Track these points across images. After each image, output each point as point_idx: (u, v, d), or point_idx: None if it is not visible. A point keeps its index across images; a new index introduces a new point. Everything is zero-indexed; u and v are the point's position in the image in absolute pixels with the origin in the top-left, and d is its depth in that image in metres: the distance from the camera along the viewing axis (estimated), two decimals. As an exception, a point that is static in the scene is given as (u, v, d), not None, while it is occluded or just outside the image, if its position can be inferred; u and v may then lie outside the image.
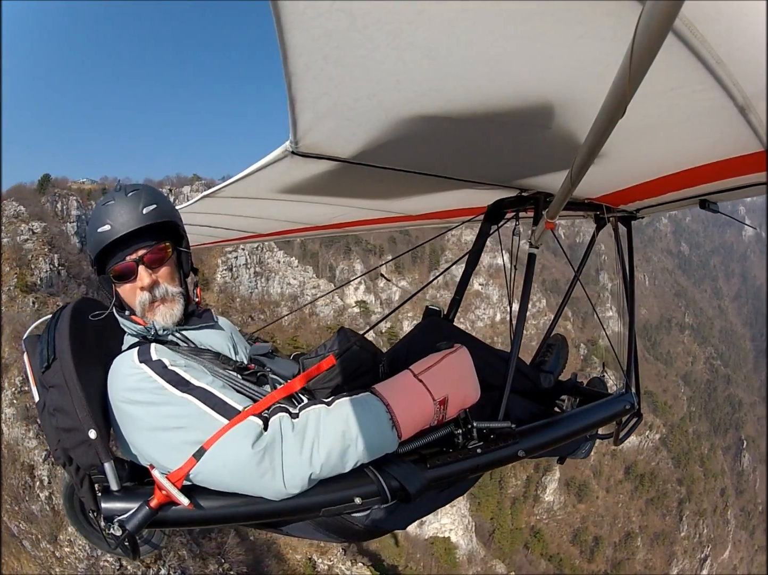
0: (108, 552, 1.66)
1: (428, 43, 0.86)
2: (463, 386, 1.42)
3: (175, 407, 1.26)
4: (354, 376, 1.50)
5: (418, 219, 2.98)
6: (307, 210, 2.63)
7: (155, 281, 1.44)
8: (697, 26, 0.79)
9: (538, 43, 0.87)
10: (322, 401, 1.33)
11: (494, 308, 74.33)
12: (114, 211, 1.38)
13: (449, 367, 1.41)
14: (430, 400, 1.34)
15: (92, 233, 1.40)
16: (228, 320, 1.74)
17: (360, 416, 1.28)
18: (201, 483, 1.25)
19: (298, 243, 65.61)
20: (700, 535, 72.40)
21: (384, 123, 1.18)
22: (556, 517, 66.61)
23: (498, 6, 0.77)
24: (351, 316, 61.54)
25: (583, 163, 1.04)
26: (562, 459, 2.29)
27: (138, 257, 1.42)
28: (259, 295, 60.87)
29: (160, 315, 1.46)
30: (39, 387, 1.34)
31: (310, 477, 1.24)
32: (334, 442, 1.24)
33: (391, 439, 1.32)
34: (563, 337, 2.47)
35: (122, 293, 1.47)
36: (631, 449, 74.73)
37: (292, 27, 0.76)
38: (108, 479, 1.27)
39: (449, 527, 52.46)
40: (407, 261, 70.23)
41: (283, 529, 1.51)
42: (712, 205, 1.88)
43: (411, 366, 1.42)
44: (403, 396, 1.34)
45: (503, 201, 2.07)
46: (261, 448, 1.20)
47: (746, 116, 1.10)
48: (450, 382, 1.39)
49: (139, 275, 1.42)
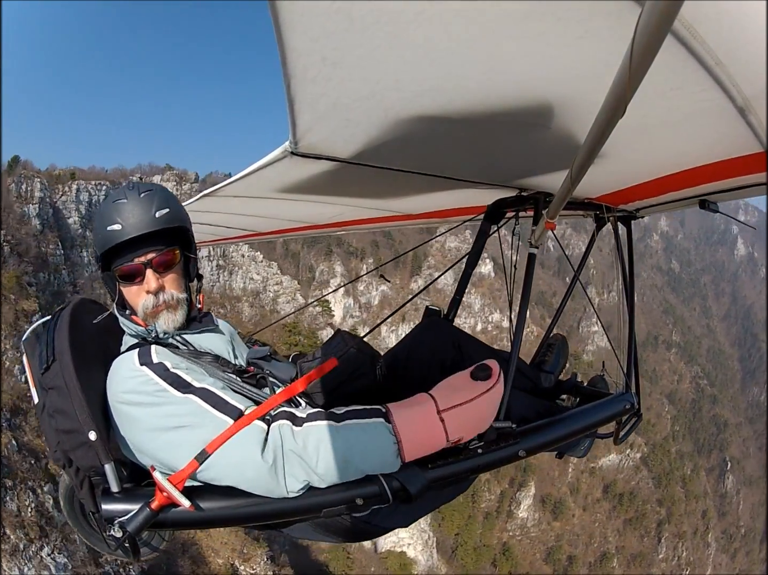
0: (108, 554, 1.65)
1: (427, 43, 0.85)
2: (483, 426, 1.37)
3: (176, 406, 1.25)
4: (351, 379, 1.49)
5: (417, 219, 2.98)
6: (307, 209, 2.63)
7: (161, 286, 1.43)
8: (697, 27, 0.79)
9: (537, 43, 0.87)
10: (331, 415, 1.29)
11: (475, 317, 73.39)
12: (125, 210, 1.36)
13: (479, 410, 1.32)
14: (443, 440, 1.29)
15: (101, 229, 1.38)
16: (228, 323, 1.74)
17: (366, 445, 1.26)
18: (201, 481, 1.25)
19: (280, 242, 65.24)
20: (679, 557, 71.59)
21: (383, 123, 1.17)
22: (529, 534, 65.56)
23: (497, 6, 0.76)
24: (312, 315, 60.50)
25: (583, 163, 1.04)
26: (560, 455, 2.29)
27: (147, 261, 1.40)
28: (220, 289, 59.59)
29: (163, 320, 1.45)
30: (38, 389, 1.34)
31: (311, 485, 1.26)
32: (335, 463, 1.24)
33: (392, 466, 1.30)
34: (563, 337, 2.47)
35: (126, 294, 1.46)
36: (610, 467, 74.26)
37: (290, 28, 0.76)
38: (108, 480, 1.26)
39: (407, 541, 51.31)
40: (389, 266, 71.03)
41: (284, 530, 1.51)
42: (711, 205, 1.88)
43: (436, 392, 1.33)
44: (418, 434, 1.28)
45: (503, 201, 2.06)
46: (269, 457, 1.21)
47: (746, 117, 1.10)
48: (472, 425, 1.33)
49: (147, 278, 1.41)
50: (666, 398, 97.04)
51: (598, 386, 2.37)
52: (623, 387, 2.12)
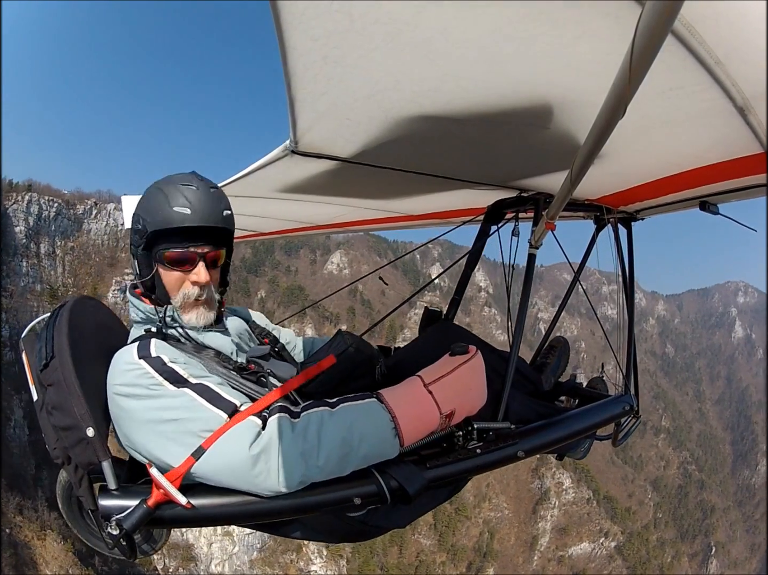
0: (105, 552, 1.65)
1: (427, 44, 0.86)
2: (472, 397, 1.39)
3: (170, 399, 1.25)
4: (351, 378, 1.49)
5: (418, 219, 2.98)
6: (308, 209, 2.63)
7: (209, 282, 1.45)
8: (697, 27, 0.79)
9: (537, 44, 0.87)
10: (326, 403, 1.31)
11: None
12: (197, 198, 1.37)
13: (462, 378, 1.37)
14: (436, 413, 1.32)
15: (164, 206, 1.36)
16: (240, 319, 1.73)
17: (363, 424, 1.26)
18: (198, 480, 1.25)
19: (257, 297, 62.85)
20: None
21: (383, 123, 1.18)
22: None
23: (497, 6, 0.77)
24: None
25: (583, 163, 1.04)
26: (560, 457, 2.29)
27: (202, 253, 1.42)
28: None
29: (197, 315, 1.45)
30: (37, 386, 1.34)
31: (306, 480, 1.23)
32: (334, 448, 1.23)
33: (392, 448, 1.30)
34: (565, 339, 2.47)
35: (165, 278, 1.44)
36: (581, 556, 72.63)
37: (291, 28, 0.77)
38: (106, 478, 1.26)
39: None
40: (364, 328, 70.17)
41: (280, 530, 1.50)
42: (711, 206, 1.87)
43: (421, 372, 1.38)
44: (410, 407, 1.31)
45: (503, 201, 2.07)
46: (257, 450, 1.19)
47: (746, 117, 1.10)
48: (460, 395, 1.35)
49: (198, 269, 1.42)
50: (650, 485, 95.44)
51: (598, 387, 2.37)
52: (622, 389, 2.12)
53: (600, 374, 2.44)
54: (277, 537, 3.30)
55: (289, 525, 1.50)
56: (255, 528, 1.56)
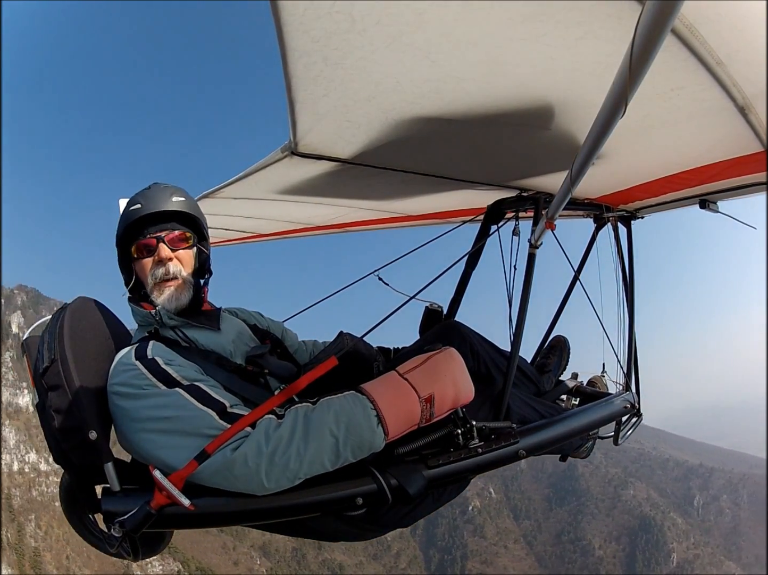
0: (109, 554, 1.65)
1: (428, 45, 0.86)
2: (451, 385, 1.41)
3: (161, 398, 1.27)
4: (350, 378, 1.49)
5: (418, 219, 2.98)
6: (308, 211, 2.63)
7: (171, 257, 1.52)
8: (698, 27, 0.79)
9: (538, 45, 0.87)
10: (308, 401, 1.34)
11: (11, 453, 66.92)
12: (147, 194, 1.53)
13: (437, 365, 1.42)
14: (415, 396, 1.34)
15: (124, 213, 1.53)
16: (240, 320, 1.75)
17: (346, 412, 1.28)
18: (196, 482, 1.25)
19: None
20: None
21: (384, 124, 1.18)
22: None
23: (498, 8, 0.77)
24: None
25: (583, 163, 1.04)
26: (564, 457, 2.29)
27: (160, 236, 1.52)
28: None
29: (168, 295, 1.50)
30: (39, 389, 1.34)
31: (294, 476, 1.23)
32: (320, 438, 1.24)
33: (378, 436, 1.30)
34: (565, 339, 2.47)
35: (139, 271, 1.54)
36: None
37: (292, 29, 0.77)
38: (108, 480, 1.26)
39: None
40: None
41: (284, 529, 1.51)
42: (711, 205, 1.87)
43: (397, 367, 1.43)
44: (388, 393, 1.34)
45: (503, 201, 2.07)
46: (241, 452, 1.20)
47: (746, 117, 1.10)
48: (435, 380, 1.39)
49: (159, 249, 1.51)
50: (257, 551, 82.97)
51: (598, 386, 2.37)
52: (623, 387, 2.12)
53: (600, 375, 2.44)
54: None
55: (292, 524, 1.50)
56: (258, 528, 1.56)
